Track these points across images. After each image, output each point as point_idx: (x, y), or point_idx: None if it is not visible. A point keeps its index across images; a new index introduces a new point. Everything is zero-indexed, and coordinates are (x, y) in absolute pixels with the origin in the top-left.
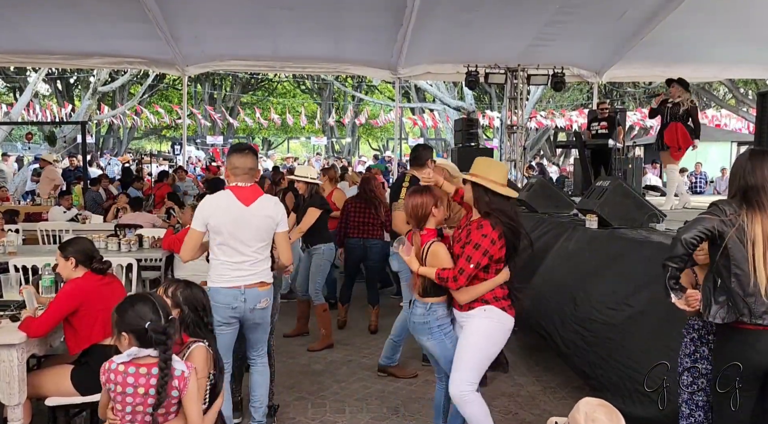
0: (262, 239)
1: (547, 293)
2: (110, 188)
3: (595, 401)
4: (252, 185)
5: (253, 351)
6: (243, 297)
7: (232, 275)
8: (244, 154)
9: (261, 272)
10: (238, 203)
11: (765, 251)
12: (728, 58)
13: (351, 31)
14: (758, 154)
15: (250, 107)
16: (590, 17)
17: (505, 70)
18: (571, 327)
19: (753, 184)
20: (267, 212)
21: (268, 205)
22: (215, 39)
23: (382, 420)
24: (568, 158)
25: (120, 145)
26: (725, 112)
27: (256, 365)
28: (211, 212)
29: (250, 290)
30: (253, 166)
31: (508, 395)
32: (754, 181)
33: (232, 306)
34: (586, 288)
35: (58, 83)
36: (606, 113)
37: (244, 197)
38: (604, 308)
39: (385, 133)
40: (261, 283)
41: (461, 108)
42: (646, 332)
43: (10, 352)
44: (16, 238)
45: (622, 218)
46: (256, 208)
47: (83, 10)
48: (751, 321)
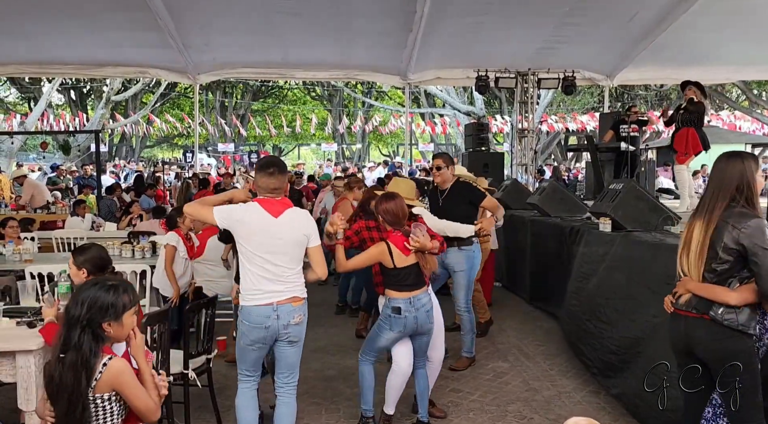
0: (292, 252)
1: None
2: (123, 196)
3: (584, 420)
4: (281, 198)
5: (281, 376)
6: (276, 314)
7: (264, 290)
8: (268, 175)
9: (294, 287)
10: (266, 214)
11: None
12: (741, 59)
13: (360, 37)
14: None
15: (260, 115)
16: (600, 20)
17: (516, 74)
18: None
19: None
20: (296, 225)
21: (298, 218)
22: (226, 47)
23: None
24: (579, 162)
25: (132, 154)
26: (739, 114)
27: (283, 396)
28: (241, 217)
29: (282, 306)
30: (277, 186)
31: (522, 400)
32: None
33: (266, 325)
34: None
35: (71, 93)
36: (636, 117)
37: (273, 210)
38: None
39: (396, 139)
40: (294, 298)
41: (471, 113)
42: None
43: (27, 358)
44: (32, 246)
45: (636, 221)
46: (285, 220)
47: (95, 20)
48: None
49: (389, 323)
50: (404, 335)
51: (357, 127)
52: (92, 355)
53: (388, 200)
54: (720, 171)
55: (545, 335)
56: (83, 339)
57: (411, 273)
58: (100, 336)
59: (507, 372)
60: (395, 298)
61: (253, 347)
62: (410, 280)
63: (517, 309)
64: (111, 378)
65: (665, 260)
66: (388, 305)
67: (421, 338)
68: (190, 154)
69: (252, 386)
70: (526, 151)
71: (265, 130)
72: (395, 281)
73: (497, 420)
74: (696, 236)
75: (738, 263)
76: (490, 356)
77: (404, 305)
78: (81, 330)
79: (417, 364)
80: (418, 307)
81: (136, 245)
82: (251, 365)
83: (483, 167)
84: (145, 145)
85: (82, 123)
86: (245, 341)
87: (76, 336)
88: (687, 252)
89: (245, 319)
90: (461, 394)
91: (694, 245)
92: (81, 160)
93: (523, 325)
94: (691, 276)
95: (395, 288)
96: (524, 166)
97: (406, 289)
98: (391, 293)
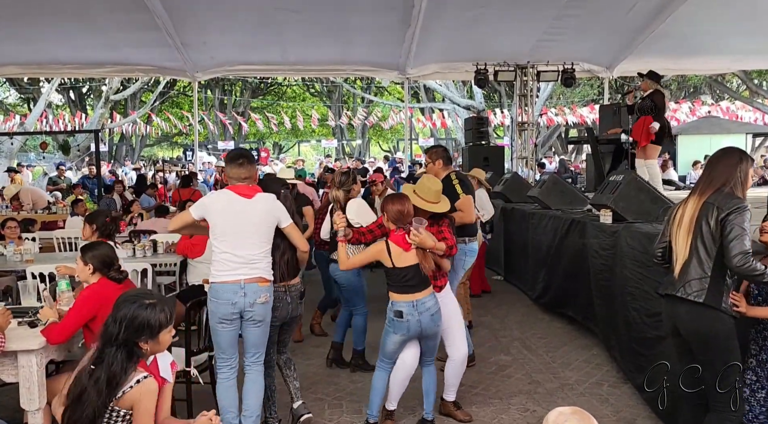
0: (262, 233)
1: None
2: (125, 195)
3: (568, 409)
4: (252, 185)
5: (248, 356)
6: (243, 291)
7: (233, 269)
8: (238, 165)
9: (261, 267)
10: (237, 197)
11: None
12: (741, 49)
13: (359, 33)
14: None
15: (260, 112)
16: (599, 11)
17: (515, 67)
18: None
19: None
20: (266, 207)
21: (268, 200)
22: (224, 44)
23: (399, 420)
24: (580, 155)
25: (132, 153)
26: (739, 103)
27: (250, 373)
28: (211, 205)
29: (249, 285)
30: (247, 176)
31: (525, 392)
32: None
33: (232, 301)
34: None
35: (70, 93)
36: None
37: (244, 193)
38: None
39: (396, 134)
40: (261, 278)
41: (471, 107)
42: None
43: (29, 357)
44: (33, 246)
45: (637, 212)
46: (256, 201)
47: (94, 20)
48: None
49: (392, 326)
50: (409, 338)
51: (358, 121)
52: (122, 372)
53: (396, 201)
54: (717, 161)
55: (547, 328)
56: (116, 358)
57: (413, 274)
58: (135, 353)
59: (509, 365)
60: (397, 301)
61: (223, 326)
62: (412, 281)
63: (518, 302)
64: (136, 395)
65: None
66: (391, 308)
67: (427, 341)
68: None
69: (231, 374)
70: (526, 144)
71: (266, 126)
72: (396, 282)
73: (500, 413)
74: (687, 212)
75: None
76: (492, 350)
77: (406, 308)
78: (116, 348)
79: (424, 361)
80: (421, 311)
81: (137, 243)
82: (227, 347)
83: (483, 161)
84: (145, 144)
85: (81, 123)
86: (214, 320)
87: (111, 354)
88: (680, 227)
89: (213, 297)
90: (464, 387)
91: (686, 220)
92: (81, 159)
93: (524, 318)
94: (679, 250)
95: (397, 290)
96: (524, 160)
97: (408, 291)
98: (394, 296)
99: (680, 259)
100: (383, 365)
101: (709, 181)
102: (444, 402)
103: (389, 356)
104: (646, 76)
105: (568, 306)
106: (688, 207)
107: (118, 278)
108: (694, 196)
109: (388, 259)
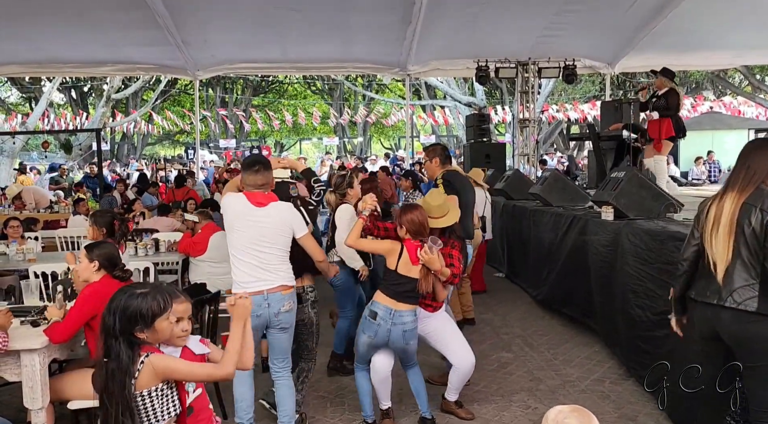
0: (278, 243)
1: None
2: (127, 194)
3: (568, 407)
4: (267, 193)
5: (277, 362)
6: (266, 302)
7: (254, 279)
8: (254, 172)
9: (282, 274)
10: (250, 206)
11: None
12: (743, 44)
13: (359, 31)
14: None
15: (261, 110)
16: (600, 7)
17: (516, 64)
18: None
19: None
20: (281, 217)
21: (282, 209)
22: (225, 43)
23: (400, 417)
24: (582, 151)
25: (134, 152)
26: (741, 99)
27: (281, 379)
28: (229, 202)
29: (272, 295)
30: (263, 183)
31: (527, 389)
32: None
33: (257, 314)
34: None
35: (72, 92)
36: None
37: (258, 202)
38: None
39: (397, 131)
40: (283, 286)
41: (472, 104)
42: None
43: (32, 356)
44: (35, 245)
45: (639, 209)
46: (270, 211)
47: (95, 20)
48: None
49: (363, 324)
50: (375, 342)
51: (359, 119)
52: (130, 362)
53: (412, 210)
54: (756, 155)
55: (548, 325)
56: (120, 348)
57: (408, 286)
58: (135, 342)
59: (511, 362)
60: (378, 302)
61: None
62: (402, 289)
63: (520, 300)
64: (150, 373)
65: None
66: (369, 307)
67: (398, 352)
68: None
69: (248, 373)
70: (527, 141)
71: (267, 124)
72: (388, 284)
73: (502, 410)
74: (726, 212)
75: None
76: (493, 347)
77: (382, 312)
78: (115, 339)
79: (406, 365)
80: (396, 322)
81: (138, 242)
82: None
83: (485, 158)
84: (146, 143)
85: (82, 122)
86: None
87: (113, 345)
88: (717, 228)
89: None
90: (465, 385)
91: (725, 221)
92: (83, 158)
93: (526, 315)
94: (718, 253)
95: (385, 291)
96: (526, 157)
97: (393, 297)
98: (378, 296)
99: (721, 263)
100: (359, 366)
101: (749, 177)
102: (446, 400)
103: (361, 358)
104: (660, 73)
105: (569, 303)
106: (725, 206)
107: (123, 277)
108: (732, 193)
109: (395, 260)
